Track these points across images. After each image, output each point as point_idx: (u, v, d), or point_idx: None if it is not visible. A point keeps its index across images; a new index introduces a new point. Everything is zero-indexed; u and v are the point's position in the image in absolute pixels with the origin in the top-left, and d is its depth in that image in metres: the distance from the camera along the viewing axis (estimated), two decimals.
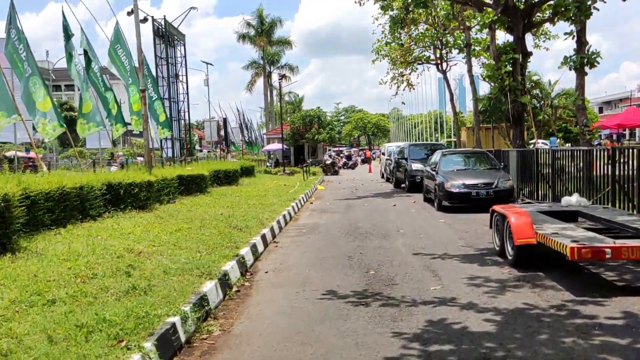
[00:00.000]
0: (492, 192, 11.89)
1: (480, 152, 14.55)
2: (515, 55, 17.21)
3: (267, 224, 10.00)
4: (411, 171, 18.36)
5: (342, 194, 19.17)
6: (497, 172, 12.79)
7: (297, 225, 11.41)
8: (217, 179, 20.45)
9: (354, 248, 8.36)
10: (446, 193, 12.21)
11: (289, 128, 39.26)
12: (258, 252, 8.04)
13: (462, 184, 12.10)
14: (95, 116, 16.87)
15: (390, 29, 25.44)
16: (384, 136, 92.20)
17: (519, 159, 13.86)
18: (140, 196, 10.68)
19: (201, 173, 16.40)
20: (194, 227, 8.77)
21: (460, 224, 10.44)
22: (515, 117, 17.52)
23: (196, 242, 7.55)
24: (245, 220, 9.97)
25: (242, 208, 12.19)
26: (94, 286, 4.89)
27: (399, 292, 5.69)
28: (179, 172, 15.67)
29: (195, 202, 13.29)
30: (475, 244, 8.35)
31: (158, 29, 26.62)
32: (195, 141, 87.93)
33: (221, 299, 5.57)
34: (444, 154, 13.95)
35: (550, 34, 24.50)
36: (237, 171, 21.55)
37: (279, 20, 46.40)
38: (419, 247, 8.24)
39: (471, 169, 13.34)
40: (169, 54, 27.94)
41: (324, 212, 13.79)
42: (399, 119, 73.78)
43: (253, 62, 49.84)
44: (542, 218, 6.93)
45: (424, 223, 10.87)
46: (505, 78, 17.18)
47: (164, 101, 26.97)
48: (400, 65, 28.64)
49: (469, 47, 23.68)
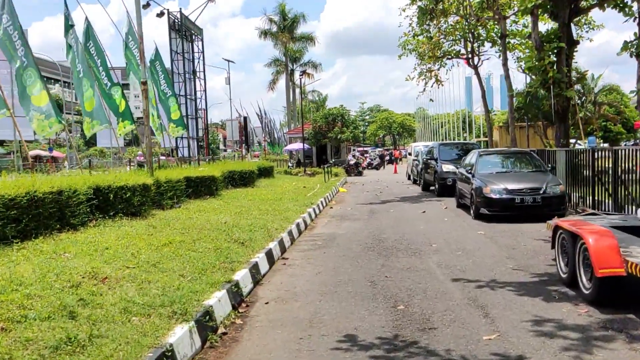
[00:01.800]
0: (539, 199, 10.19)
1: (524, 152, 12.82)
2: (561, 43, 15.36)
3: (276, 235, 8.56)
4: (441, 173, 16.70)
5: (365, 198, 17.62)
6: (544, 175, 11.07)
7: (312, 236, 9.94)
8: (231, 180, 19.15)
9: (378, 269, 6.84)
10: (485, 199, 10.56)
11: (311, 127, 37.82)
12: (260, 273, 6.60)
13: (503, 189, 10.43)
14: (99, 114, 15.70)
15: (419, 20, 23.77)
16: (410, 136, 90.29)
17: (568, 160, 12.09)
18: (134, 201, 9.35)
19: (211, 174, 15.07)
20: (187, 241, 7.38)
21: (505, 238, 8.80)
22: (559, 113, 15.67)
23: (183, 261, 6.14)
24: (251, 231, 8.55)
25: (252, 215, 10.79)
26: (11, 338, 3.50)
27: (440, 341, 4.16)
28: (187, 174, 14.40)
29: (201, 207, 11.96)
30: (529, 266, 6.72)
31: (174, 23, 25.53)
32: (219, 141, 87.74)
33: (197, 349, 4.13)
34: (481, 155, 12.26)
35: (595, 23, 22.44)
36: (253, 172, 20.20)
37: (302, 16, 45.02)
38: (458, 269, 6.67)
39: (513, 171, 11.64)
40: (185, 49, 26.83)
41: (344, 219, 12.30)
42: (425, 119, 71.83)
43: (276, 59, 48.57)
44: (624, 238, 5.29)
45: (460, 235, 9.26)
46: (548, 69, 15.35)
47: (179, 98, 25.89)
48: (428, 60, 26.87)
49: (504, 39, 21.81)
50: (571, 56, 16.32)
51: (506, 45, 22.23)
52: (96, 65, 17.33)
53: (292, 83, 46.79)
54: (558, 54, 15.59)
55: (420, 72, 27.34)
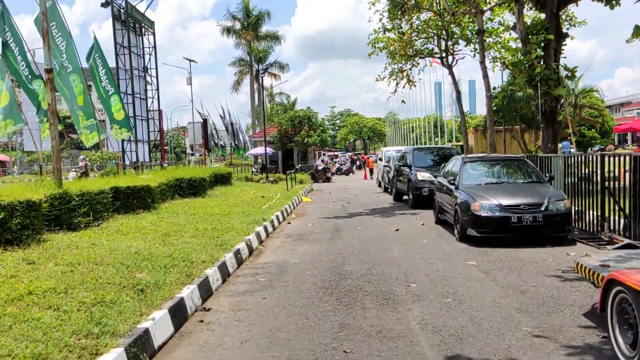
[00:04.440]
0: (540, 218, 8.17)
1: (516, 158, 10.76)
2: (549, 35, 13.57)
3: (198, 273, 6.24)
4: (416, 182, 14.65)
5: (330, 209, 15.44)
6: (543, 187, 9.08)
7: (255, 266, 7.67)
8: (179, 189, 16.72)
9: (334, 333, 4.63)
10: (473, 217, 8.49)
11: (276, 130, 35.49)
12: (153, 345, 4.30)
13: (496, 205, 8.38)
14: (12, 111, 13.08)
15: (389, 14, 21.86)
16: (380, 140, 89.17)
17: (566, 168, 10.14)
18: (10, 225, 6.90)
19: (146, 184, 12.62)
20: (60, 288, 4.99)
21: (505, 273, 6.71)
22: (547, 114, 13.85)
23: (23, 332, 3.81)
24: (165, 268, 6.23)
25: (181, 238, 8.46)
26: None
27: None
28: (115, 183, 11.96)
29: (125, 226, 9.60)
30: (555, 329, 4.60)
31: (119, 13, 22.89)
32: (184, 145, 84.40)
33: None
34: (466, 161, 10.19)
35: (576, 20, 20.91)
36: (204, 180, 17.77)
37: (267, 14, 42.61)
38: (453, 334, 4.51)
39: (506, 182, 9.58)
40: (133, 43, 24.19)
41: (301, 239, 10.07)
42: (396, 123, 70.48)
43: (240, 59, 46.09)
44: None
45: (446, 268, 7.13)
46: (535, 65, 13.53)
47: (127, 97, 23.25)
48: (400, 59, 24.95)
49: (482, 34, 19.97)
50: (560, 50, 14.57)
51: (483, 42, 20.43)
52: (14, 54, 14.71)
53: (258, 84, 44.38)
54: (546, 47, 13.77)
55: (391, 71, 25.39)
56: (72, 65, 16.96)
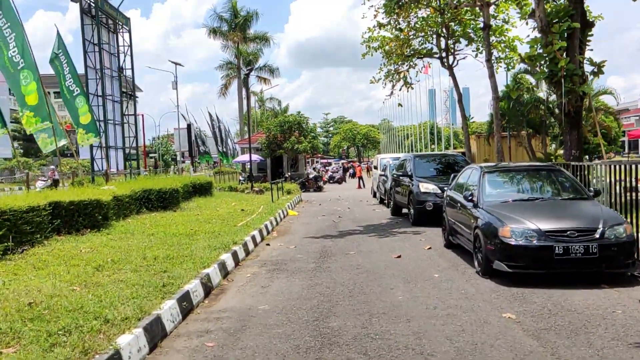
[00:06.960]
0: (595, 248, 6.07)
1: (550, 167, 8.50)
2: (575, 23, 11.63)
3: (105, 347, 4.11)
4: (419, 194, 12.57)
5: (318, 226, 13.33)
6: (591, 206, 6.99)
7: (206, 318, 5.52)
8: (146, 202, 14.58)
9: None
10: (502, 246, 6.39)
11: (265, 136, 33.38)
12: None
13: (533, 231, 6.28)
14: None
15: (386, 7, 19.91)
16: (374, 147, 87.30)
17: (611, 180, 8.07)
18: None
19: (96, 199, 10.48)
20: None
21: (565, 335, 4.61)
22: (570, 115, 11.87)
23: None
24: (27, 356, 4.11)
25: (111, 277, 6.33)
26: None
27: None
28: (56, 198, 9.85)
29: (48, 255, 7.49)
30: None
31: (88, 6, 20.79)
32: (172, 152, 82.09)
33: None
34: (487, 172, 8.07)
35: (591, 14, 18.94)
36: (176, 191, 15.60)
37: (255, 14, 40.52)
38: None
39: (540, 199, 7.46)
40: (105, 40, 22.09)
41: (278, 270, 7.94)
42: (390, 130, 68.58)
43: (228, 62, 44.00)
44: None
45: (475, 324, 5.02)
46: (559, 57, 11.56)
47: (96, 99, 21.10)
48: (396, 59, 22.95)
49: (488, 29, 18.04)
50: (585, 42, 12.60)
51: (489, 39, 18.47)
52: None
53: (247, 88, 42.32)
54: (569, 38, 11.79)
55: (387, 72, 23.39)
56: (25, 61, 14.84)
